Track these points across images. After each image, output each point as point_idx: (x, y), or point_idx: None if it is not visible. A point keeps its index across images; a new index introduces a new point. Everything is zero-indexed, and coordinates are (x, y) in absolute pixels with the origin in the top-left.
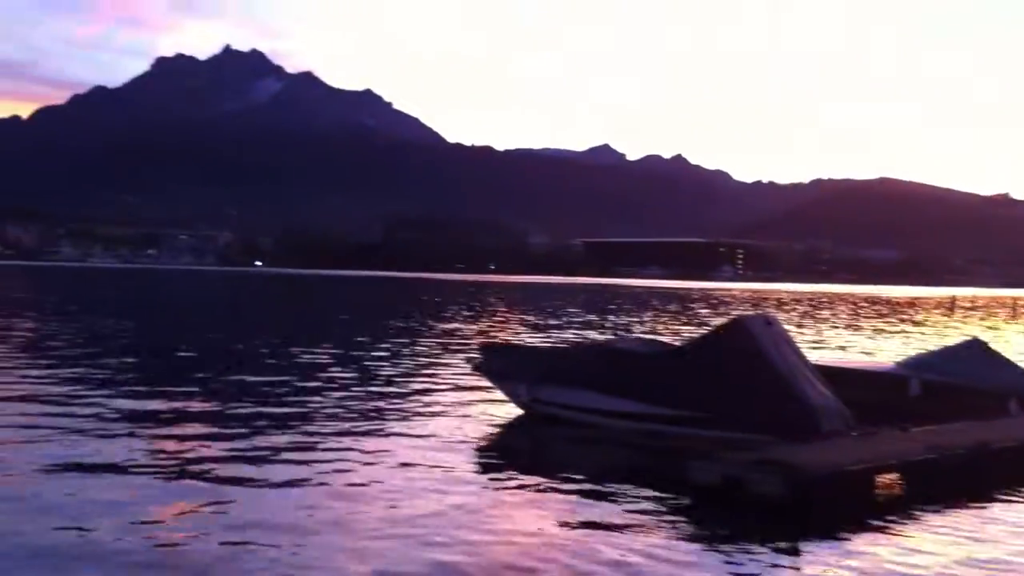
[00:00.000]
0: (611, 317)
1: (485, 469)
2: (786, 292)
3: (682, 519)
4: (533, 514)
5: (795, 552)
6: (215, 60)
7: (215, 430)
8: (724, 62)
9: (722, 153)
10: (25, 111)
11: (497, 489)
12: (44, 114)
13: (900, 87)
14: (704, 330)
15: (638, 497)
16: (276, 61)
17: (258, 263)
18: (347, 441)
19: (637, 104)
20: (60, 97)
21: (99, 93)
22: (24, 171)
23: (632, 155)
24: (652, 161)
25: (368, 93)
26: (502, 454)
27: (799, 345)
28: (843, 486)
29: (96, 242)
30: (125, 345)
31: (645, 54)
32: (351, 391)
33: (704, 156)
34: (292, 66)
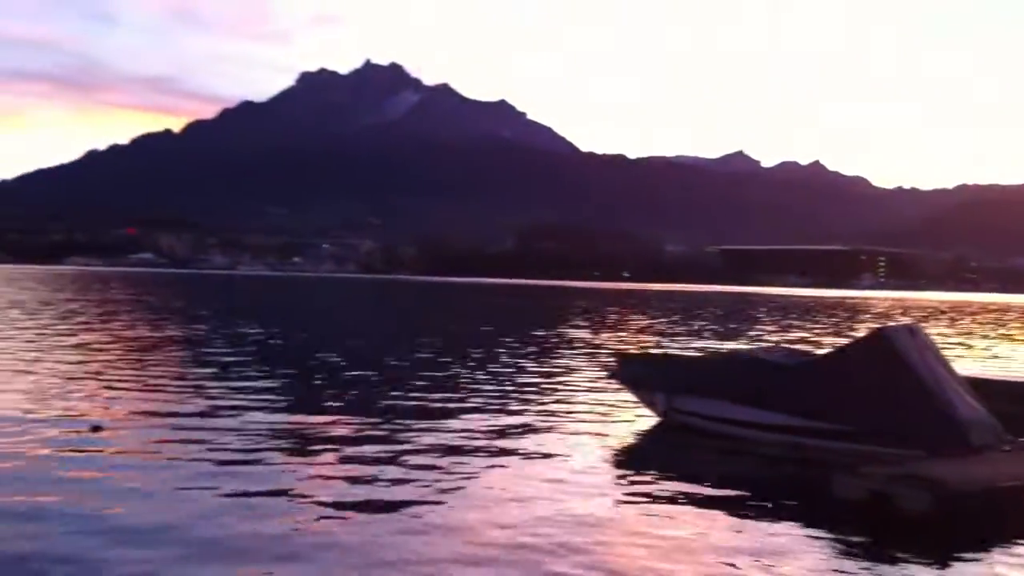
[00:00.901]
0: (748, 326)
1: (620, 478)
2: (931, 302)
3: (825, 534)
4: (667, 524)
5: (943, 572)
6: (356, 74)
7: (355, 437)
8: (866, 66)
9: (861, 159)
10: (177, 125)
11: (631, 498)
12: (195, 128)
13: None
14: (845, 340)
15: (778, 510)
16: (414, 74)
17: (394, 272)
18: (482, 447)
19: (773, 111)
20: (210, 111)
21: (246, 107)
22: (176, 182)
23: (767, 162)
24: (788, 168)
25: (502, 104)
26: (637, 463)
27: (946, 356)
28: (994, 503)
29: (244, 251)
30: (273, 352)
31: (782, 60)
32: (486, 397)
33: (842, 162)
34: (429, 78)
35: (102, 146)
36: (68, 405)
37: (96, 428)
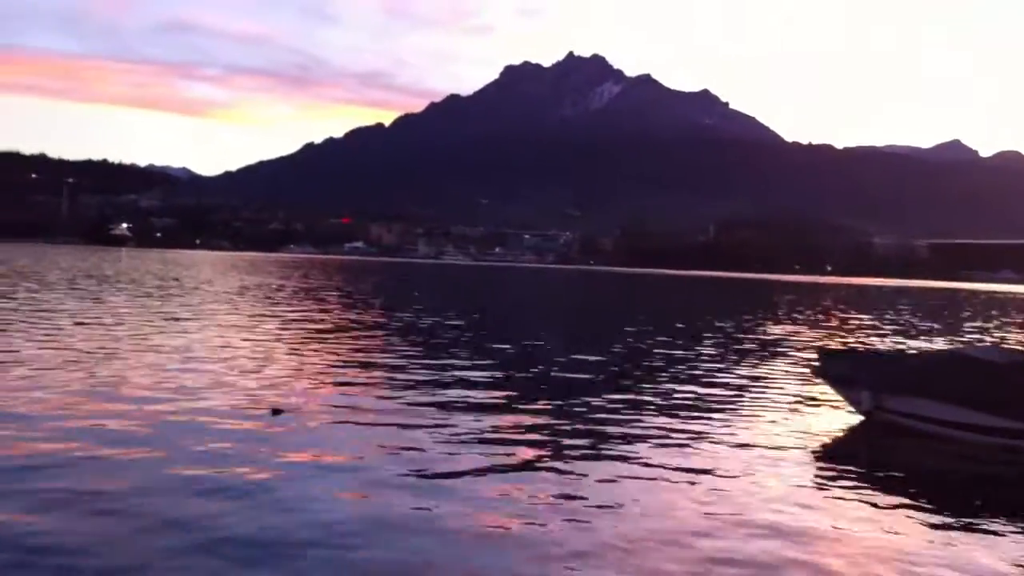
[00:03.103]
0: (959, 324)
1: (821, 479)
2: None
3: None
4: (870, 529)
5: None
6: (559, 66)
7: (546, 428)
8: None
9: None
10: (387, 119)
11: (832, 500)
12: (403, 121)
13: None
14: None
15: (993, 518)
16: (616, 65)
17: (591, 262)
18: (678, 442)
19: (991, 98)
20: (418, 105)
21: (452, 101)
22: (386, 174)
23: (986, 151)
24: (1009, 157)
25: (705, 94)
26: (840, 462)
27: None
28: None
29: (449, 240)
30: (470, 339)
31: (1001, 45)
32: (683, 392)
33: None
34: (631, 69)
35: (318, 139)
36: (255, 387)
37: (276, 412)
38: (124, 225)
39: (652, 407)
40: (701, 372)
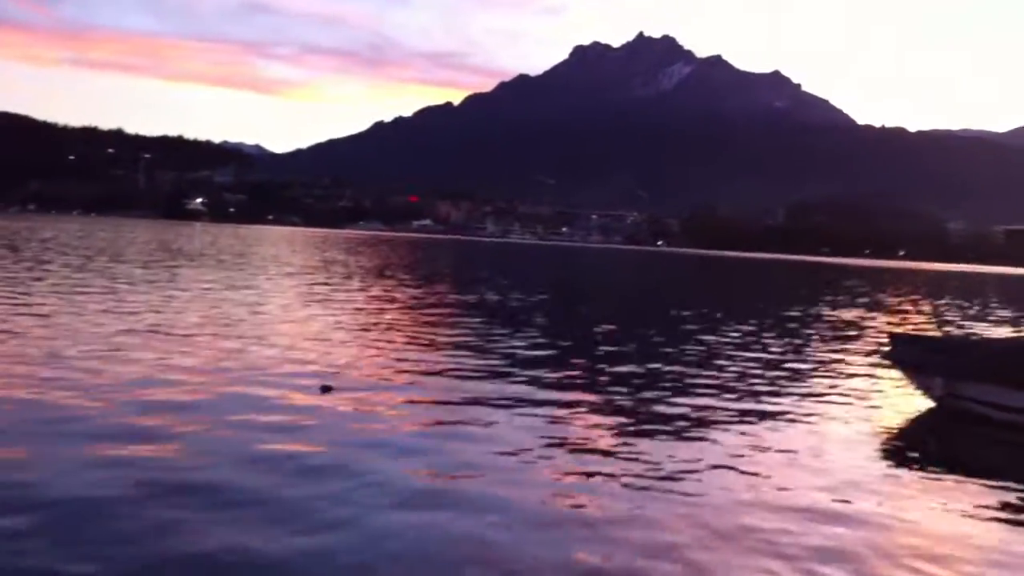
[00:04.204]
0: None
1: (889, 467)
2: None
3: None
4: (937, 520)
5: None
6: (628, 47)
7: (603, 411)
8: None
9: None
10: (457, 98)
11: (901, 490)
12: (473, 100)
13: None
14: None
15: None
16: (686, 46)
17: (660, 243)
18: (745, 426)
19: None
20: (488, 84)
21: (521, 80)
22: (454, 152)
23: None
24: None
25: (776, 75)
26: (909, 452)
27: None
28: None
29: (516, 219)
30: (528, 319)
31: None
32: (751, 375)
33: None
34: (702, 50)
35: (388, 118)
36: (305, 364)
37: (326, 389)
38: (199, 200)
39: (721, 391)
40: (771, 356)
